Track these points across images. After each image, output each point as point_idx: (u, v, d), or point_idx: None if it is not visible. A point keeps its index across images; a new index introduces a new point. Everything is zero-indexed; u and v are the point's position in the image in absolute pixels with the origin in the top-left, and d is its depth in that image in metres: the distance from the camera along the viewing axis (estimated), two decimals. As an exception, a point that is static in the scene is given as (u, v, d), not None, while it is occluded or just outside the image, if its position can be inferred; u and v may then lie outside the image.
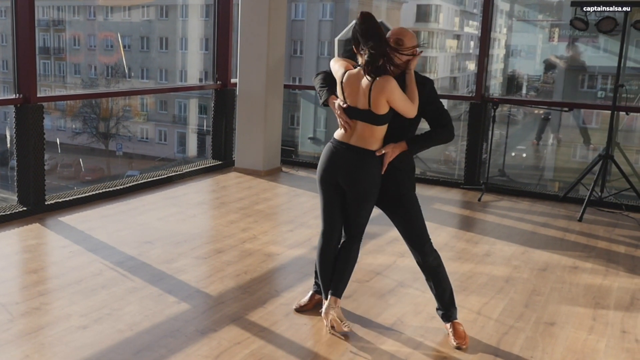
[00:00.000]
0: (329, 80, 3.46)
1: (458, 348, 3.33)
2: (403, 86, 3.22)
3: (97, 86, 16.94)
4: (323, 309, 3.44)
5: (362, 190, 3.34)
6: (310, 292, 3.75)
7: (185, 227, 5.19)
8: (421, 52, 3.30)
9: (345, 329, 3.40)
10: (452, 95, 9.39)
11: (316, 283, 3.76)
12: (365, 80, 3.22)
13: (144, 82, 17.37)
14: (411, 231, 3.39)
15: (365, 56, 3.15)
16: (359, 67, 3.27)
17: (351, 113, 3.29)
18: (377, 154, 3.29)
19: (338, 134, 3.38)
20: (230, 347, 3.24)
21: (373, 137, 3.29)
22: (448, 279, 3.50)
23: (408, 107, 3.23)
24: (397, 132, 3.31)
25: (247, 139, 7.23)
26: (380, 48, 3.12)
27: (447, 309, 3.48)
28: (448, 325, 3.46)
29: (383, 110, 3.21)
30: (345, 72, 3.30)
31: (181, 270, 4.24)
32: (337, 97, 3.37)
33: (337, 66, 3.39)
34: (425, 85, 3.31)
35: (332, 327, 3.42)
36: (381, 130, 3.29)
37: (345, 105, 3.31)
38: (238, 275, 4.20)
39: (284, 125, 7.68)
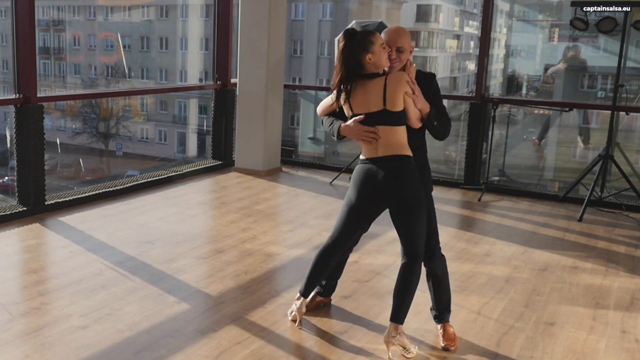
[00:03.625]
0: (334, 116, 3.35)
1: (446, 349, 3.33)
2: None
3: (97, 86, 16.95)
4: (385, 336, 3.21)
5: (412, 199, 3.13)
6: (313, 293, 3.74)
7: (185, 227, 5.19)
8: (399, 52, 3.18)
9: (411, 356, 3.20)
10: (452, 95, 9.39)
11: (320, 284, 3.74)
12: (374, 82, 3.10)
13: (144, 82, 17.37)
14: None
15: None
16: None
17: (368, 120, 3.12)
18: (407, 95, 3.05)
19: (364, 153, 3.21)
20: (230, 347, 3.24)
21: (398, 142, 3.11)
22: (449, 286, 3.50)
23: (415, 112, 3.13)
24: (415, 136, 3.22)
25: (247, 139, 7.23)
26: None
27: (441, 312, 3.48)
28: (439, 326, 3.47)
29: (400, 106, 3.08)
30: (340, 90, 3.16)
31: (181, 270, 4.24)
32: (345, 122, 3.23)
33: (327, 99, 3.32)
34: (430, 87, 3.23)
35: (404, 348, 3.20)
36: (403, 131, 3.13)
37: (362, 117, 3.14)
38: (238, 275, 4.20)
39: (284, 125, 7.68)
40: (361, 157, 3.25)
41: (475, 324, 3.64)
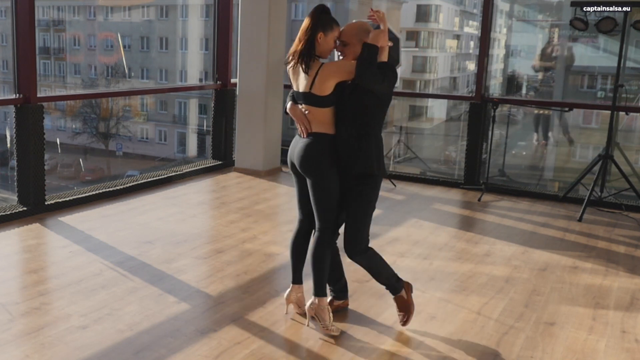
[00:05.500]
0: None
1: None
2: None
3: (97, 86, 16.95)
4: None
5: (308, 173, 3.36)
6: (329, 299, 3.66)
7: (185, 227, 5.19)
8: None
9: (327, 330, 3.43)
10: (452, 95, 9.40)
11: (331, 290, 3.71)
12: (311, 65, 3.27)
13: (144, 82, 17.37)
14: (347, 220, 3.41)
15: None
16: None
17: (299, 98, 3.36)
18: (371, 13, 3.26)
19: None
20: (230, 347, 3.24)
21: (318, 120, 3.31)
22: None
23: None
24: (359, 112, 3.27)
25: (247, 139, 7.23)
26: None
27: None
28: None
29: (325, 92, 3.24)
30: (298, 60, 3.31)
31: (181, 270, 4.25)
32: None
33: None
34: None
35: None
36: (324, 112, 3.29)
37: (306, 111, 3.34)
38: (238, 275, 4.20)
39: (284, 125, 7.68)
40: None
41: (475, 324, 3.64)
